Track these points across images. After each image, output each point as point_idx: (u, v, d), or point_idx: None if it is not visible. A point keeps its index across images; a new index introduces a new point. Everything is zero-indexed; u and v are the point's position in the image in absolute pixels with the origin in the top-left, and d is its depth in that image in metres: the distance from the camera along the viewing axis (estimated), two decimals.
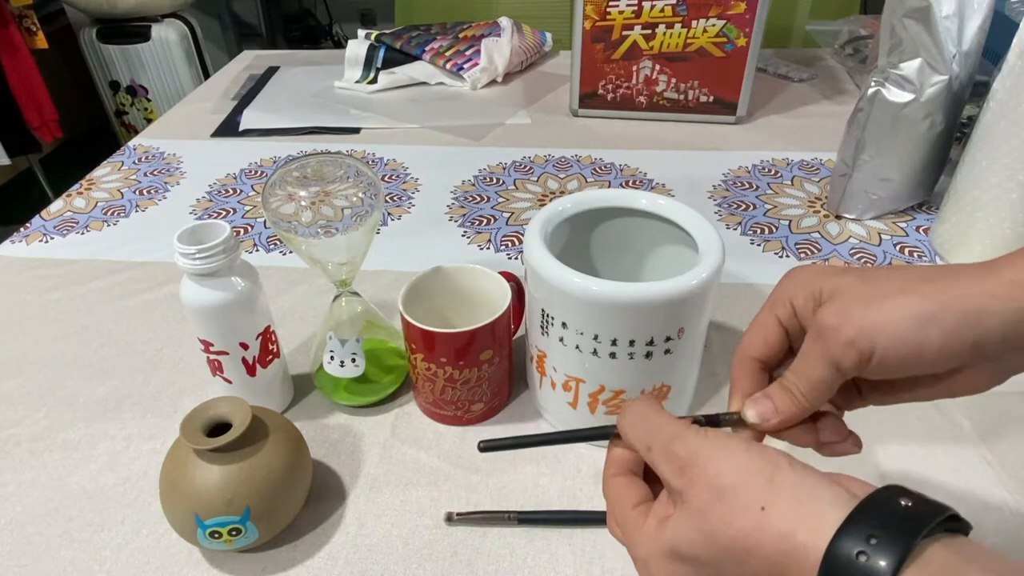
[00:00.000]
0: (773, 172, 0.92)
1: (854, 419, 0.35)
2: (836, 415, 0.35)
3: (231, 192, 0.91)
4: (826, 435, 0.34)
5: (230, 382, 0.54)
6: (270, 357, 0.55)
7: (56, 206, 0.89)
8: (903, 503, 0.25)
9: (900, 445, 0.53)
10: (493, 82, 1.22)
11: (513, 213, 0.85)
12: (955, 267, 0.31)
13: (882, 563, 0.23)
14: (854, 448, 0.34)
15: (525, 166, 0.96)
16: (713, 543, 0.27)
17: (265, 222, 0.84)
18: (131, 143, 1.05)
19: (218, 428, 0.44)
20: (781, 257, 0.76)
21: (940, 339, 0.29)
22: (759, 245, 0.78)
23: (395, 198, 0.89)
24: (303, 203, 0.48)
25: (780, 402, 0.33)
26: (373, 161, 0.98)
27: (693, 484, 0.29)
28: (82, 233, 0.83)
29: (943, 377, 0.32)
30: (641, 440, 0.32)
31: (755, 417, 0.33)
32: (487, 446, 0.37)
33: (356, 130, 1.07)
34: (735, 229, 0.81)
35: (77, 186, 0.93)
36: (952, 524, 0.25)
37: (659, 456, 0.31)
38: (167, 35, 2.26)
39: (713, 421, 0.34)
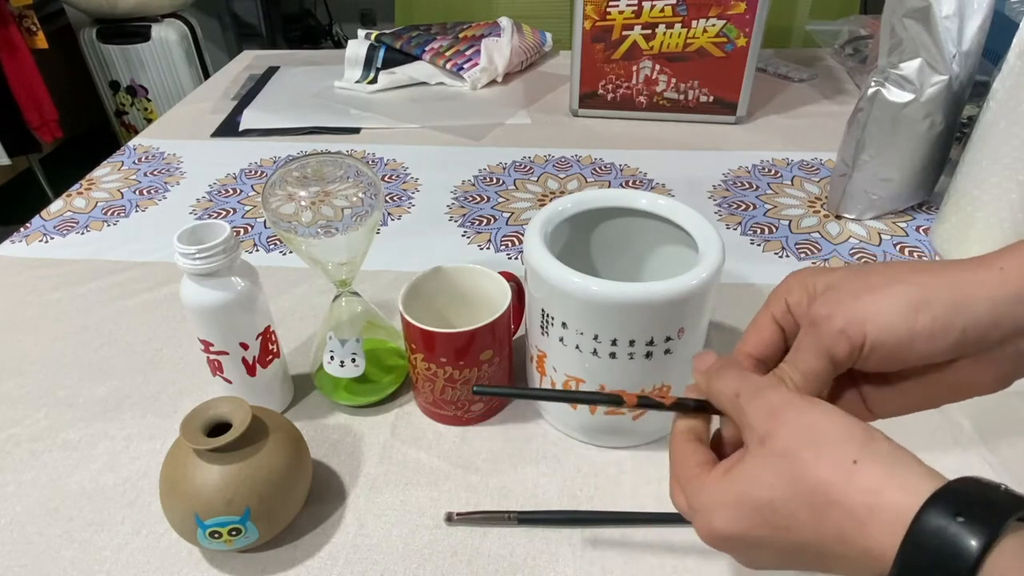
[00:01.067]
0: (773, 172, 0.92)
1: None
2: None
3: (231, 192, 0.91)
4: None
5: (230, 382, 0.54)
6: (270, 357, 0.55)
7: (56, 206, 0.89)
8: (1000, 486, 0.25)
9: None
10: (493, 82, 1.22)
11: (513, 213, 0.85)
12: (948, 260, 0.31)
13: (975, 534, 0.23)
14: None
15: (525, 166, 0.96)
16: (794, 486, 0.27)
17: (265, 222, 0.84)
18: (131, 143, 1.05)
19: (218, 428, 0.44)
20: (781, 257, 0.76)
21: (929, 324, 0.29)
22: (759, 245, 0.78)
23: (395, 198, 0.89)
24: (303, 203, 0.48)
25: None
26: (373, 161, 0.98)
27: (783, 426, 0.28)
28: (82, 233, 0.83)
29: (943, 373, 0.31)
30: (730, 386, 0.32)
31: None
32: (480, 390, 0.38)
33: (356, 130, 1.07)
34: (735, 229, 0.81)
35: (77, 186, 0.93)
36: None
37: (747, 399, 0.30)
38: (167, 35, 2.26)
39: (702, 407, 0.34)
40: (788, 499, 0.27)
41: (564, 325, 0.48)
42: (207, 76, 2.26)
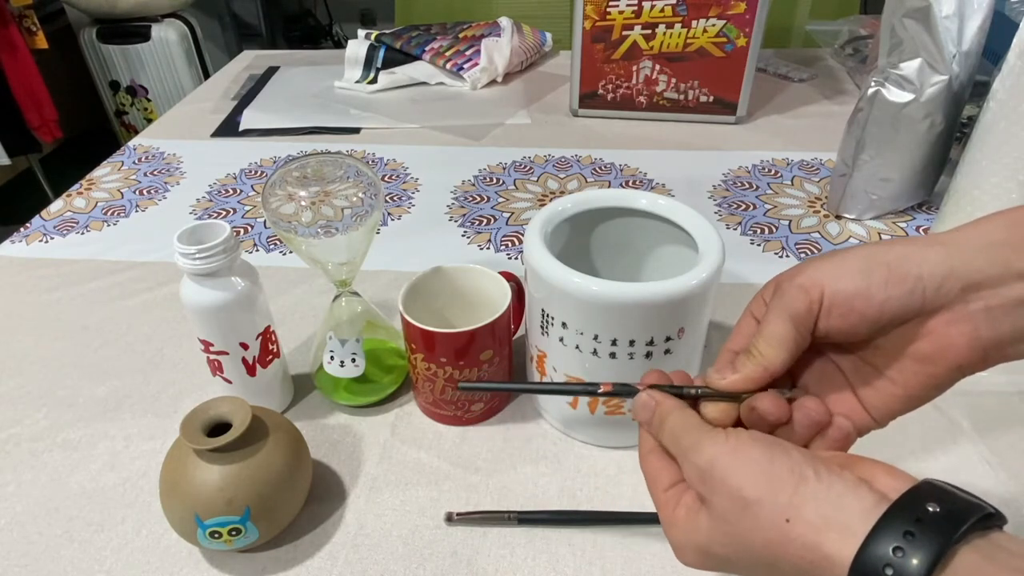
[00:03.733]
0: (773, 172, 0.92)
1: None
2: (816, 399, 0.34)
3: (231, 192, 0.91)
4: (802, 414, 0.33)
5: (230, 382, 0.54)
6: (270, 357, 0.55)
7: (56, 206, 0.89)
8: (931, 509, 0.24)
9: (900, 445, 0.53)
10: (493, 82, 1.22)
11: (513, 213, 0.85)
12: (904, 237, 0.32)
13: (913, 570, 0.23)
14: (841, 434, 0.33)
15: (525, 166, 0.96)
16: (743, 548, 0.28)
17: (265, 222, 0.84)
18: (131, 143, 1.05)
19: (218, 428, 0.44)
20: (781, 257, 0.76)
21: (885, 272, 0.30)
22: (759, 245, 0.78)
23: (395, 198, 0.89)
24: (303, 203, 0.48)
25: (742, 366, 0.33)
26: (373, 161, 0.98)
27: (715, 493, 0.29)
28: (82, 233, 0.83)
29: (919, 342, 0.31)
30: (669, 447, 0.33)
31: (715, 374, 0.34)
32: (465, 386, 0.39)
33: (356, 130, 1.07)
34: (735, 229, 0.81)
35: (77, 186, 0.93)
36: (985, 522, 0.24)
37: (682, 460, 0.31)
38: (167, 35, 2.26)
39: (677, 393, 0.34)
40: (743, 555, 0.28)
41: (564, 325, 0.48)
42: (207, 76, 2.26)
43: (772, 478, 0.28)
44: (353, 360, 0.54)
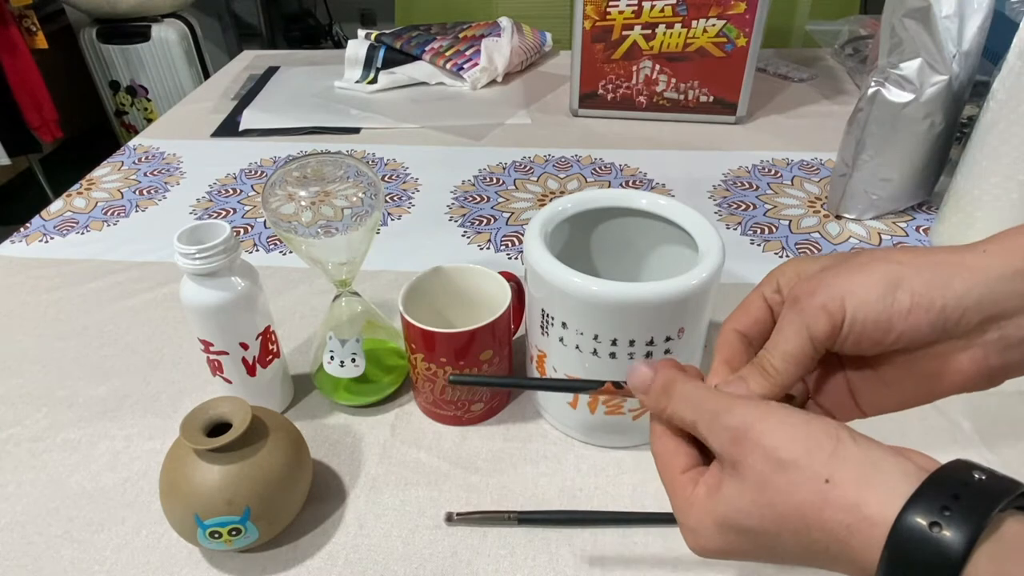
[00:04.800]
0: (773, 172, 0.92)
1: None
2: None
3: (231, 192, 0.91)
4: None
5: (230, 382, 0.54)
6: (270, 357, 0.55)
7: (56, 206, 0.89)
8: (976, 476, 0.24)
9: (900, 445, 0.53)
10: (493, 82, 1.22)
11: (513, 213, 0.85)
12: (936, 246, 0.31)
13: (955, 536, 0.22)
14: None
15: (525, 166, 0.96)
16: (771, 514, 0.27)
17: (265, 222, 0.84)
18: (131, 143, 1.05)
19: (218, 428, 0.44)
20: (781, 257, 0.76)
21: (908, 301, 0.29)
22: (759, 245, 0.78)
23: (395, 198, 0.89)
24: (303, 203, 0.48)
25: (753, 382, 0.32)
26: (373, 161, 0.98)
27: (749, 454, 0.28)
28: (82, 233, 0.83)
29: (927, 360, 0.31)
30: (685, 414, 0.31)
31: (728, 387, 0.32)
32: (456, 379, 0.39)
33: (356, 130, 1.07)
34: (735, 229, 0.81)
35: (77, 186, 0.93)
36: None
37: (707, 427, 0.30)
38: (167, 35, 2.26)
39: None
40: (768, 525, 0.27)
41: (564, 325, 0.48)
42: (207, 76, 2.26)
43: (810, 439, 0.27)
44: (353, 360, 0.54)
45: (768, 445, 0.27)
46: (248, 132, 1.07)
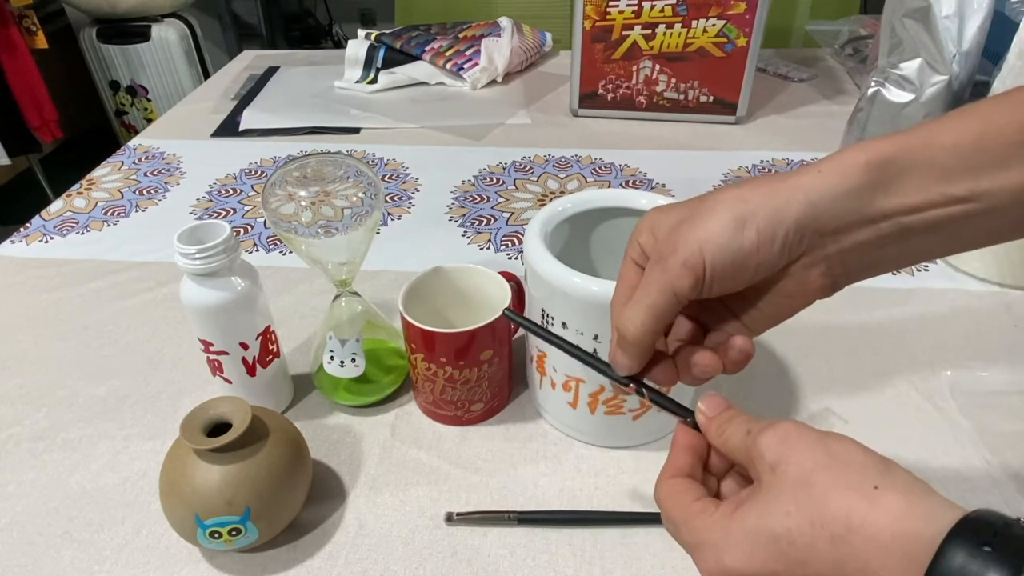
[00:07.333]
0: (773, 172, 0.92)
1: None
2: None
3: (231, 192, 0.91)
4: (736, 351, 0.35)
5: (230, 382, 0.54)
6: (270, 357, 0.55)
7: (56, 206, 0.89)
8: (1019, 519, 0.24)
9: (900, 445, 0.53)
10: (493, 82, 1.22)
11: (513, 213, 0.85)
12: (780, 172, 0.33)
13: (997, 574, 0.22)
14: (741, 355, 0.35)
15: (525, 166, 0.96)
16: (812, 513, 0.26)
17: (265, 222, 0.84)
18: (131, 143, 1.05)
19: (218, 428, 0.44)
20: None
21: (755, 238, 0.31)
22: None
23: (395, 198, 0.89)
24: (303, 203, 0.48)
25: (617, 353, 0.36)
26: (373, 161, 0.98)
27: (797, 452, 0.28)
28: (82, 233, 0.83)
29: (782, 282, 0.33)
30: (741, 427, 0.32)
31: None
32: (511, 315, 0.41)
33: (356, 130, 1.07)
34: None
35: (77, 186, 0.93)
36: None
37: (759, 431, 0.30)
38: (167, 35, 2.26)
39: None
40: (806, 528, 0.26)
41: (564, 325, 0.48)
42: (207, 76, 2.26)
43: (863, 453, 0.27)
44: (353, 360, 0.54)
45: (819, 447, 0.28)
46: (248, 132, 1.07)
